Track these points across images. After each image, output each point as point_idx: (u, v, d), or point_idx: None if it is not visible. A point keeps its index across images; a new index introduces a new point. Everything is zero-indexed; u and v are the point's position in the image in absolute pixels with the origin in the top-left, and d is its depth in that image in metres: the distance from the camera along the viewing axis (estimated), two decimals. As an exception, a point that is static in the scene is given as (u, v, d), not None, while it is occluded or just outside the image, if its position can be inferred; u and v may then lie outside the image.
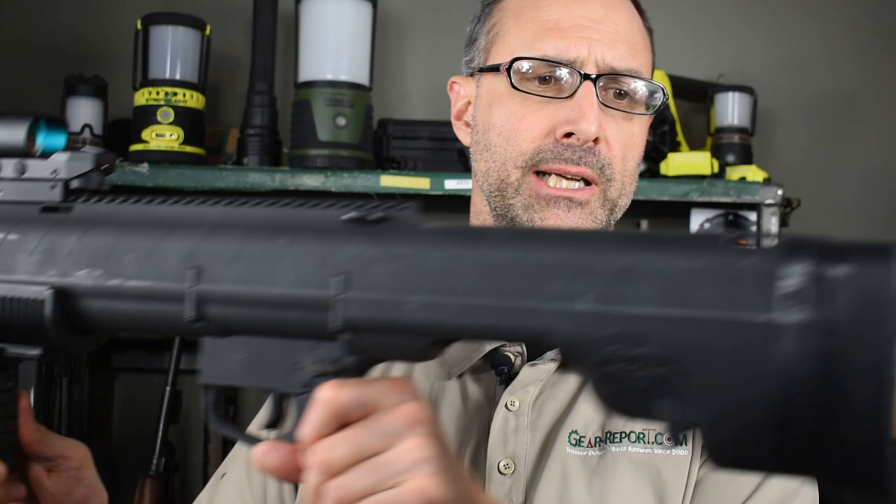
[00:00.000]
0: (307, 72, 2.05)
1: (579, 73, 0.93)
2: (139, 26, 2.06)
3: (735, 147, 2.16)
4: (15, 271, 0.68)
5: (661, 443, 0.92)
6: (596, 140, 0.93)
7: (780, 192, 1.97)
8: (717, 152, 2.14)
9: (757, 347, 0.53)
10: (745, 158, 2.15)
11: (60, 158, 0.71)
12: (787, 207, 2.08)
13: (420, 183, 1.95)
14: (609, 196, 0.95)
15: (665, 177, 2.02)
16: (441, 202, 2.03)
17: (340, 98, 2.01)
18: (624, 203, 0.97)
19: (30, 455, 0.76)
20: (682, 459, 0.92)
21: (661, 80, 2.13)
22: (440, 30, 2.32)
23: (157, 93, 2.02)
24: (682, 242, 0.57)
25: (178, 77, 2.05)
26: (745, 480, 0.90)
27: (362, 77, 2.06)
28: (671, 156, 2.04)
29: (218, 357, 0.66)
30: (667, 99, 0.97)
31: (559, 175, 0.93)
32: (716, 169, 2.04)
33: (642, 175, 2.03)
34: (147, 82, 2.04)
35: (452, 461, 0.61)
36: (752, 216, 2.05)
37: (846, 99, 2.37)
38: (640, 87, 0.96)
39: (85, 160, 0.71)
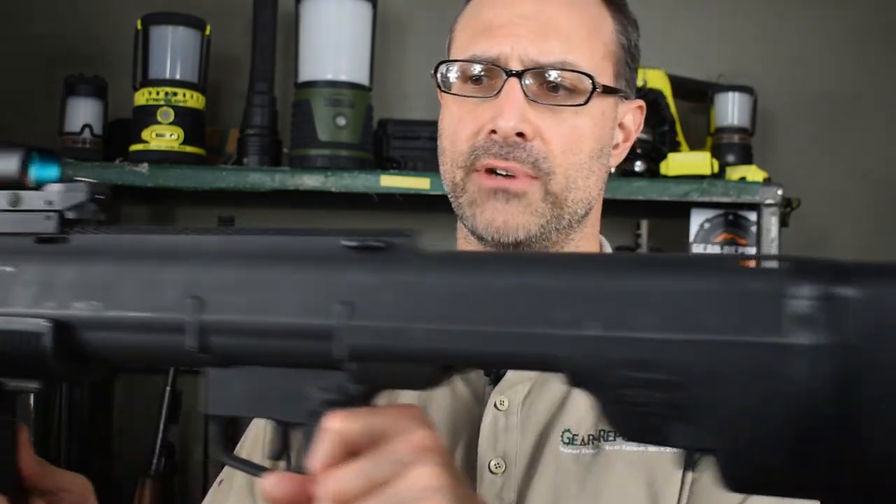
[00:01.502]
0: (307, 72, 2.05)
1: (503, 70, 0.93)
2: (139, 26, 2.06)
3: (735, 147, 2.16)
4: (11, 304, 0.67)
5: None
6: (522, 135, 0.92)
7: (780, 192, 1.97)
8: (717, 152, 2.14)
9: (768, 370, 0.52)
10: (745, 158, 2.15)
11: (55, 189, 0.70)
12: (787, 207, 2.08)
13: (420, 183, 1.95)
14: (551, 189, 0.94)
15: (665, 177, 2.02)
16: (441, 202, 2.01)
17: (340, 98, 2.01)
18: (578, 197, 0.95)
19: (31, 489, 0.74)
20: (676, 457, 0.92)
21: (661, 79, 2.13)
22: (440, 30, 2.30)
23: (157, 93, 2.01)
24: (689, 264, 0.57)
25: (178, 77, 2.04)
26: None
27: (362, 77, 2.06)
28: (671, 156, 2.04)
29: (221, 388, 0.65)
30: (596, 89, 0.94)
31: (493, 170, 0.94)
32: (716, 169, 2.04)
33: (642, 175, 2.05)
34: (147, 82, 2.04)
35: (465, 490, 0.61)
36: (752, 216, 2.05)
37: (846, 99, 2.37)
38: (578, 79, 0.94)
39: (79, 191, 0.70)
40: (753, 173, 2.03)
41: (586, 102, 0.94)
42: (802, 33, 2.38)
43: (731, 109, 2.19)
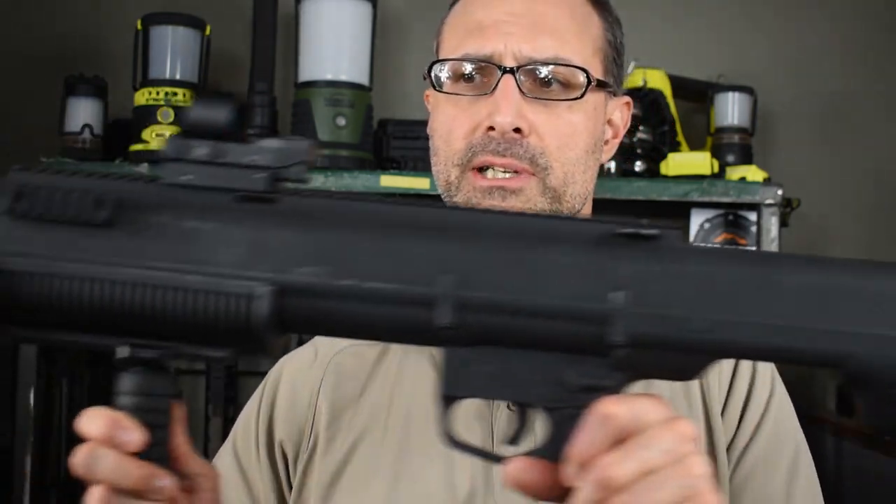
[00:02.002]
0: (307, 72, 2.05)
1: (497, 67, 0.94)
2: (139, 26, 2.06)
3: (735, 147, 2.16)
4: (213, 263, 0.61)
5: None
6: (519, 131, 0.93)
7: (780, 192, 1.97)
8: (717, 152, 2.14)
9: None
10: (745, 158, 2.15)
11: (267, 145, 0.63)
12: (787, 207, 2.08)
13: (420, 183, 1.95)
14: (549, 184, 0.94)
15: (665, 177, 2.02)
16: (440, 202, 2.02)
17: (340, 98, 2.01)
18: (577, 192, 0.96)
19: (176, 469, 0.68)
20: None
21: (661, 79, 2.13)
22: (440, 30, 2.32)
23: (157, 93, 2.02)
24: None
25: (178, 77, 2.05)
26: (774, 488, 0.92)
27: (362, 77, 2.06)
28: (671, 156, 2.04)
29: (462, 369, 0.62)
30: (591, 83, 0.95)
31: (492, 167, 0.94)
32: (716, 169, 2.04)
33: (642, 175, 2.05)
34: (147, 82, 2.04)
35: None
36: (752, 216, 2.05)
37: (846, 99, 2.37)
38: (571, 74, 0.95)
39: (296, 149, 0.64)
40: (753, 173, 2.03)
41: (582, 96, 0.95)
42: (802, 33, 2.38)
43: (731, 109, 2.19)
